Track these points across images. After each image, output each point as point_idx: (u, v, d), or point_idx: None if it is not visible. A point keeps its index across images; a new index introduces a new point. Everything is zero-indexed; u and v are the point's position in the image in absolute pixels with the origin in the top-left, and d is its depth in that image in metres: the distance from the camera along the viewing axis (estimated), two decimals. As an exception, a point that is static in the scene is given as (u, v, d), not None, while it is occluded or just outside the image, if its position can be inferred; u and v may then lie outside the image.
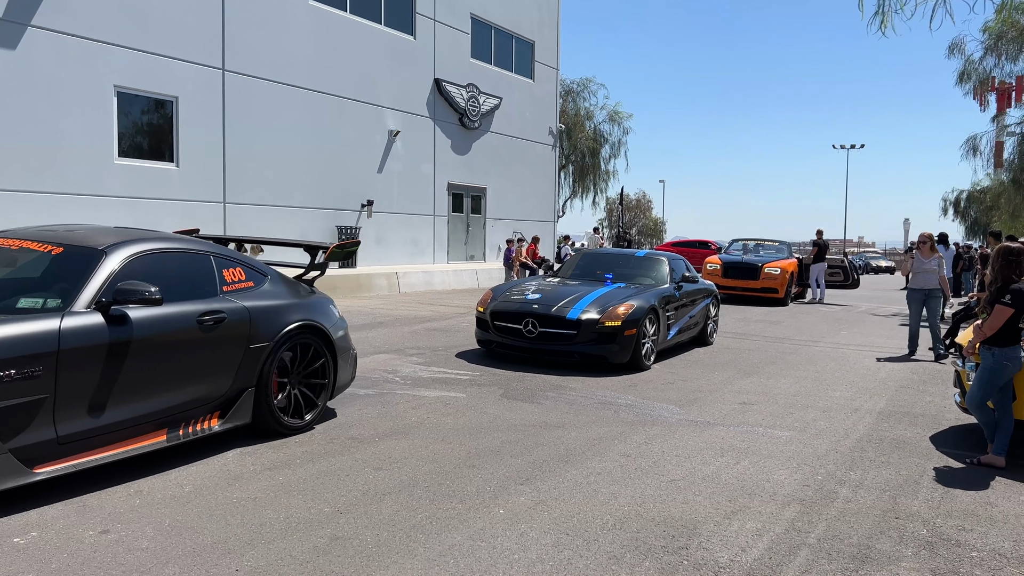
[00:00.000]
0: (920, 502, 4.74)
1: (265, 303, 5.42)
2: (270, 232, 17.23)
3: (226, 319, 5.04)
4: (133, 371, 4.46)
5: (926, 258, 10.45)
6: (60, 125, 13.75)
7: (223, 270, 5.31)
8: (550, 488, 4.71)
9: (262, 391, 5.30)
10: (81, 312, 4.28)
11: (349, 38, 19.56)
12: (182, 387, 4.79)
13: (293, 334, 5.51)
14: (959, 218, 56.47)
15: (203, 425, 4.99)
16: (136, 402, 4.51)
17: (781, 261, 19.11)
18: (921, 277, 10.48)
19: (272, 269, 5.89)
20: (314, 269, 6.41)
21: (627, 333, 8.54)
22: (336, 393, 6.06)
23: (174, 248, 5.07)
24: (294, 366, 5.62)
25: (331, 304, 6.22)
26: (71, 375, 4.13)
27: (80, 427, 4.21)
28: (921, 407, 7.51)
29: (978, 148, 35.59)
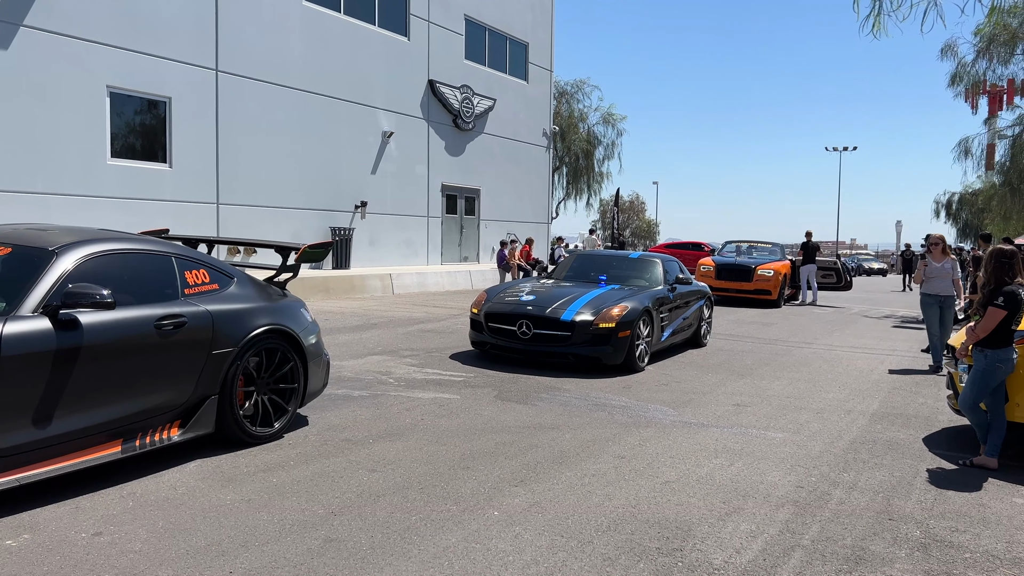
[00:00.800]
0: (913, 503, 4.75)
1: (230, 306, 5.21)
2: (264, 234, 17.19)
3: (187, 323, 4.83)
4: (84, 379, 4.23)
5: (938, 261, 9.88)
6: (52, 126, 13.71)
7: (185, 272, 5.09)
8: (544, 490, 4.71)
9: (226, 399, 5.09)
10: (26, 317, 4.05)
11: (343, 39, 19.55)
12: (138, 395, 4.56)
13: (260, 339, 5.30)
14: (951, 220, 56.81)
15: (162, 435, 4.76)
16: (87, 411, 4.27)
17: (774, 263, 19.16)
18: (935, 282, 9.85)
19: (239, 271, 5.67)
20: (286, 271, 6.19)
21: (621, 335, 8.55)
22: (307, 400, 5.86)
23: (132, 249, 4.84)
24: (261, 372, 5.40)
25: (302, 307, 6.00)
26: (13, 384, 3.90)
27: (23, 439, 3.98)
28: (914, 409, 7.54)
29: (970, 151, 35.80)
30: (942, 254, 9.88)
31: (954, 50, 30.94)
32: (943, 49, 31.38)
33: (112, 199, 14.59)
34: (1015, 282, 5.65)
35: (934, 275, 9.84)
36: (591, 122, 44.29)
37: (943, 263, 9.81)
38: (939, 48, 33.58)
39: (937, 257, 9.90)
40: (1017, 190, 33.49)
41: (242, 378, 5.25)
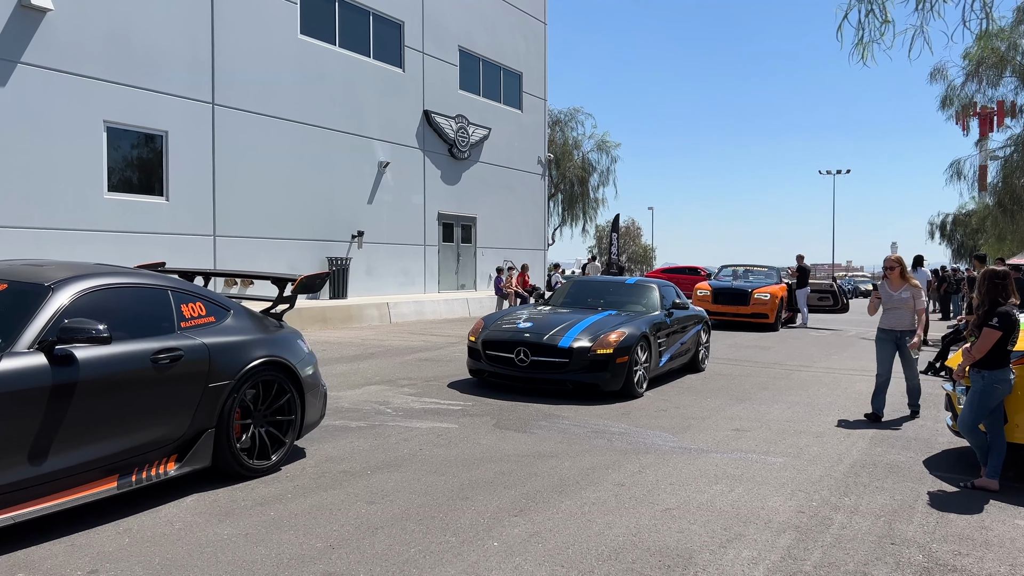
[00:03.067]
0: (915, 527, 4.73)
1: (226, 339, 5.19)
2: (260, 265, 17.22)
3: (183, 357, 4.81)
4: (79, 414, 4.20)
5: (895, 289, 8.08)
6: (50, 161, 13.77)
7: (181, 305, 5.09)
8: (544, 519, 4.68)
9: (223, 432, 5.04)
10: (22, 353, 4.04)
11: (338, 71, 19.73)
12: (134, 430, 4.52)
13: (256, 371, 5.27)
14: (946, 241, 57.02)
15: (159, 470, 4.72)
16: (83, 447, 4.23)
17: (771, 287, 19.19)
18: (892, 315, 8.10)
19: (236, 303, 5.66)
20: (282, 302, 6.17)
21: (619, 361, 8.54)
22: (305, 432, 5.82)
23: (129, 283, 4.84)
24: (258, 405, 5.37)
25: (299, 339, 5.98)
26: (8, 420, 3.87)
27: (19, 476, 3.94)
28: (914, 431, 7.52)
29: (962, 172, 36.06)
30: (900, 280, 8.11)
31: (944, 73, 31.32)
32: (932, 72, 31.78)
33: (109, 233, 14.62)
34: (1008, 302, 5.67)
35: (891, 305, 8.11)
36: (585, 149, 44.64)
37: (900, 291, 8.06)
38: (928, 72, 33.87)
39: (895, 283, 8.14)
40: (1010, 211, 33.67)
41: (239, 411, 5.22)
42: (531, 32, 27.65)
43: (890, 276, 8.15)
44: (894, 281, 8.13)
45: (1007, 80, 28.86)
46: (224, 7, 16.70)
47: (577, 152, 44.10)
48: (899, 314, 8.05)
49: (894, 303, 8.07)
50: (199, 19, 16.22)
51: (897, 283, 8.11)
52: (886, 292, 8.15)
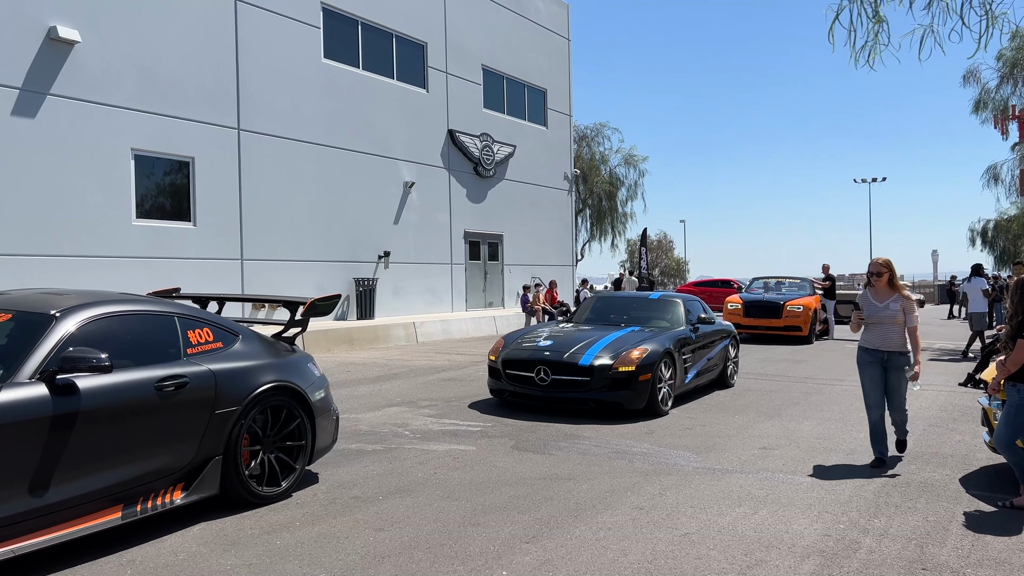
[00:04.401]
0: (949, 551, 4.49)
1: (233, 364, 5.15)
2: (288, 287, 17.30)
3: (188, 383, 4.77)
4: (82, 444, 4.16)
5: (881, 299, 6.51)
6: (79, 189, 13.99)
7: (188, 331, 5.06)
8: (557, 546, 4.52)
9: (230, 459, 4.98)
10: (23, 383, 4.01)
11: (362, 93, 19.85)
12: (139, 458, 4.47)
13: (265, 396, 5.22)
14: (987, 247, 55.54)
15: (164, 499, 4.65)
16: (85, 478, 4.19)
17: (804, 298, 18.81)
18: (876, 331, 6.50)
19: (245, 328, 5.64)
20: (294, 326, 6.13)
21: (642, 378, 8.35)
22: (316, 457, 5.74)
23: (135, 311, 4.83)
24: (267, 431, 5.31)
25: (310, 362, 5.93)
26: (8, 452, 3.83)
27: (20, 508, 3.89)
28: (950, 447, 7.22)
29: (999, 177, 35.23)
30: (888, 288, 6.53)
31: (977, 76, 30.66)
32: (965, 75, 31.12)
33: (138, 259, 14.79)
34: None
35: (875, 319, 6.50)
36: (612, 164, 44.42)
37: (888, 301, 6.47)
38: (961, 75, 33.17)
39: (880, 293, 6.55)
40: (1052, 215, 32.75)
41: (247, 437, 5.16)
42: (554, 49, 27.64)
43: (876, 284, 6.58)
44: (880, 290, 6.55)
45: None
46: (248, 33, 16.92)
47: (604, 167, 43.91)
48: (885, 330, 6.45)
49: (879, 317, 6.47)
50: (223, 45, 16.44)
51: (884, 292, 6.52)
52: (869, 303, 6.55)
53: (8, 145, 13.11)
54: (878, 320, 6.50)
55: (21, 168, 13.26)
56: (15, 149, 13.19)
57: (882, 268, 6.56)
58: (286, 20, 17.79)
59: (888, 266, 6.57)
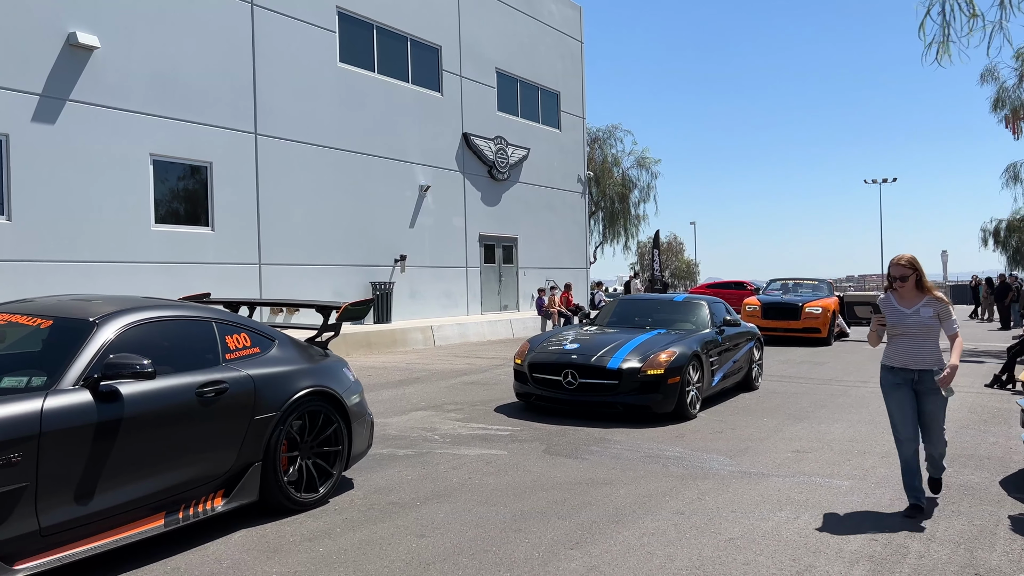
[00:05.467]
0: (999, 555, 4.42)
1: (271, 370, 5.13)
2: (306, 291, 17.32)
3: (228, 389, 4.74)
4: (125, 451, 4.14)
5: (908, 305, 5.30)
6: (98, 195, 14.03)
7: (226, 336, 5.03)
8: (601, 552, 4.48)
9: (269, 465, 4.96)
10: (67, 390, 3.98)
11: (377, 97, 19.87)
12: (180, 466, 4.45)
13: (302, 402, 5.20)
14: (1000, 248, 55.25)
15: (205, 506, 4.63)
16: (129, 485, 4.16)
17: (822, 300, 18.71)
18: (906, 346, 5.28)
19: (280, 333, 5.60)
20: (327, 330, 6.11)
21: (670, 381, 8.29)
22: (352, 462, 5.71)
23: (173, 316, 4.79)
24: (304, 436, 5.28)
25: (344, 367, 5.90)
26: (55, 460, 3.80)
27: (66, 516, 3.86)
28: (986, 449, 7.14)
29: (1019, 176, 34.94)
30: (916, 291, 5.31)
31: (995, 74, 30.42)
32: (983, 74, 30.88)
33: (157, 264, 14.83)
34: None
35: (903, 330, 5.28)
36: (625, 166, 44.41)
37: (918, 306, 5.27)
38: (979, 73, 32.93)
39: (908, 297, 5.33)
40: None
41: (285, 443, 5.14)
42: (567, 51, 27.62)
43: (900, 288, 5.31)
44: (906, 294, 5.32)
45: (1061, 80, 27.90)
46: (264, 38, 16.96)
47: (617, 169, 43.89)
48: (915, 343, 5.23)
49: (907, 327, 5.23)
50: (240, 50, 16.48)
51: (911, 296, 5.30)
52: (893, 309, 5.32)
53: (28, 151, 13.16)
54: (906, 330, 5.23)
55: (41, 174, 13.31)
56: (35, 155, 13.24)
57: (906, 270, 5.24)
58: (302, 24, 17.83)
59: (914, 265, 5.27)
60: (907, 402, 5.27)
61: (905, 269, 5.27)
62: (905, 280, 5.26)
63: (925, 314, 5.21)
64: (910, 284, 5.28)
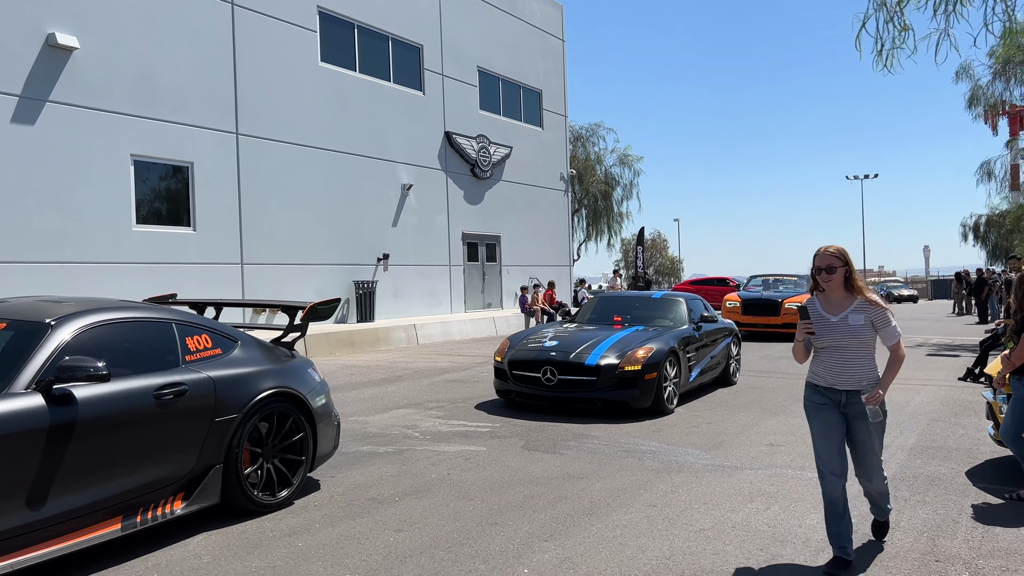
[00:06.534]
0: (960, 542, 4.57)
1: (233, 371, 5.08)
2: (289, 291, 17.34)
3: (188, 391, 4.68)
4: (80, 455, 4.07)
5: (836, 310, 4.29)
6: (78, 196, 14.01)
7: (186, 338, 4.97)
8: (575, 544, 4.59)
9: (231, 467, 4.90)
10: (18, 394, 3.92)
11: (359, 97, 19.91)
12: (138, 469, 4.38)
13: (265, 403, 5.15)
14: (979, 243, 55.89)
15: (164, 509, 4.57)
16: (84, 489, 4.09)
17: (802, 295, 18.90)
18: (833, 359, 4.29)
19: (244, 334, 5.53)
20: (294, 331, 6.05)
21: (648, 377, 8.42)
22: (318, 463, 5.68)
23: (132, 318, 4.73)
24: (268, 438, 5.24)
25: (310, 368, 5.86)
26: (5, 464, 3.74)
27: (18, 521, 3.79)
28: (955, 441, 7.31)
29: (992, 172, 35.49)
30: (844, 292, 4.30)
31: (969, 72, 30.88)
32: (958, 72, 31.36)
33: (139, 265, 14.82)
34: None
35: (830, 341, 4.27)
36: (608, 164, 44.60)
37: (846, 312, 4.26)
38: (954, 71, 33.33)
39: (834, 299, 4.32)
40: (1044, 210, 33.01)
41: (248, 444, 5.10)
42: (549, 50, 27.74)
43: (826, 285, 4.28)
44: (832, 294, 4.30)
45: (1035, 77, 28.35)
46: (245, 38, 16.96)
47: (600, 167, 44.07)
48: (845, 359, 4.23)
49: (834, 337, 4.23)
50: (221, 50, 16.47)
51: (839, 298, 4.29)
52: (818, 316, 4.30)
53: (8, 152, 13.12)
54: (832, 342, 4.24)
55: (21, 175, 13.27)
56: (15, 156, 13.20)
57: (834, 260, 4.25)
58: (283, 24, 17.84)
59: (843, 257, 4.27)
60: (833, 428, 4.28)
61: (833, 259, 4.26)
62: (832, 272, 4.23)
63: (855, 321, 4.21)
64: (837, 281, 4.25)
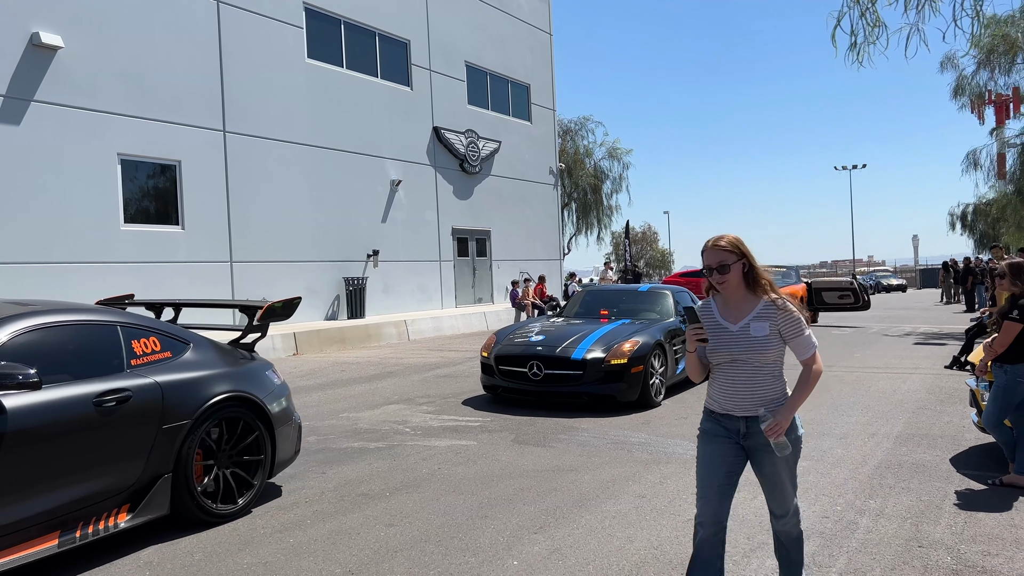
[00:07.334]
0: (943, 528, 4.64)
1: (183, 375, 4.85)
2: (279, 288, 17.31)
3: (132, 397, 4.45)
4: (11, 468, 3.84)
5: (735, 317, 3.28)
6: (66, 195, 13.95)
7: (132, 341, 4.73)
8: (564, 535, 4.64)
9: (181, 476, 4.67)
10: None
11: (347, 93, 19.88)
12: (77, 481, 4.14)
13: (218, 408, 4.94)
14: (967, 232, 56.23)
15: (107, 523, 4.33)
16: (15, 504, 3.85)
17: (790, 287, 19.03)
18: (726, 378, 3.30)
19: (197, 335, 5.30)
20: (252, 331, 5.80)
21: (634, 370, 8.48)
22: (278, 470, 5.47)
23: (72, 321, 4.48)
24: (222, 444, 5.01)
25: (268, 370, 5.64)
26: None
27: None
28: (940, 428, 7.40)
29: (978, 162, 35.64)
30: (744, 291, 3.30)
31: (954, 62, 30.99)
32: (943, 62, 31.47)
33: (127, 264, 14.78)
34: None
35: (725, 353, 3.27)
36: (597, 157, 44.63)
37: (747, 319, 3.26)
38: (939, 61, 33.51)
39: (734, 303, 3.32)
40: (1029, 198, 33.24)
41: (200, 452, 4.89)
42: (537, 44, 27.73)
43: (722, 286, 3.30)
44: (731, 296, 3.32)
45: (1019, 66, 28.52)
46: (231, 35, 16.90)
47: (589, 160, 44.11)
48: (744, 378, 3.27)
49: (733, 351, 3.26)
50: (207, 48, 16.41)
51: (739, 301, 3.31)
52: (714, 324, 3.31)
53: (-6, 153, 13.05)
54: (731, 356, 3.26)
55: (7, 176, 13.21)
56: (0, 157, 13.13)
57: (726, 255, 3.25)
58: (269, 21, 17.78)
59: (737, 249, 3.26)
60: (717, 463, 3.30)
61: (725, 253, 3.25)
62: (726, 271, 3.23)
63: (757, 331, 3.23)
64: (734, 281, 3.25)
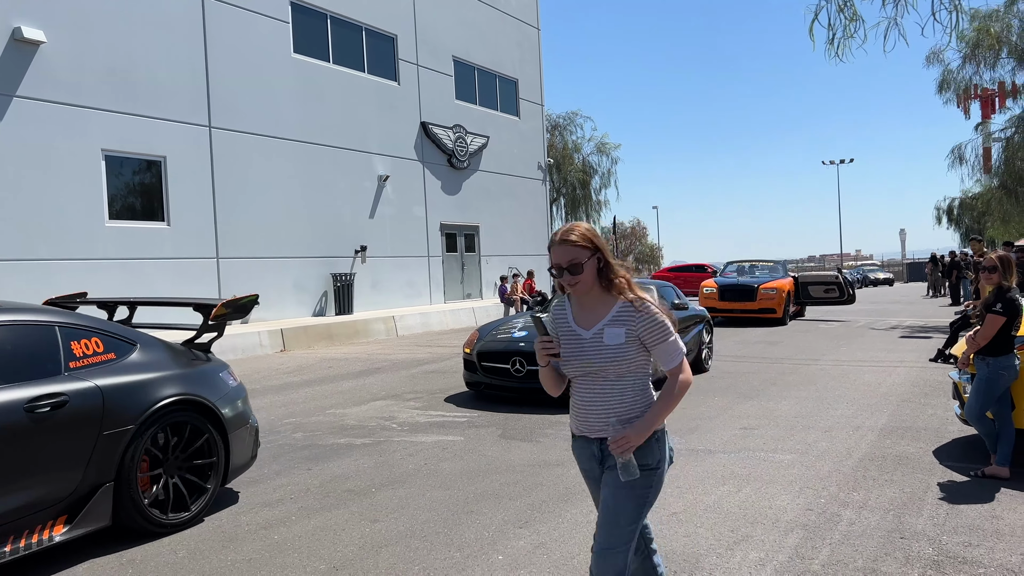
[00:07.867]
0: (925, 520, 4.67)
1: (126, 378, 4.58)
2: (267, 284, 17.24)
3: (68, 402, 4.18)
4: None
5: (588, 321, 2.79)
6: (50, 192, 13.84)
7: (72, 342, 4.45)
8: (549, 530, 4.64)
9: (124, 485, 4.41)
10: None
11: (334, 88, 19.79)
12: (6, 492, 3.88)
13: (165, 413, 4.68)
14: (953, 226, 56.56)
15: (41, 536, 4.08)
16: None
17: (777, 281, 19.10)
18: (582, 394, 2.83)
19: (146, 336, 5.05)
20: (208, 331, 5.52)
21: (623, 364, 8.45)
22: (233, 476, 5.24)
23: (3, 321, 4.20)
24: (169, 451, 4.76)
25: (223, 371, 5.39)
26: None
27: None
28: (923, 421, 7.45)
29: (964, 156, 35.83)
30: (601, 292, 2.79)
31: (940, 56, 31.15)
32: (928, 56, 31.62)
33: (112, 260, 14.68)
34: (1014, 288, 5.62)
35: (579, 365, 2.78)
36: (585, 152, 44.68)
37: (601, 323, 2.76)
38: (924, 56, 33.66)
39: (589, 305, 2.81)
40: (1014, 192, 33.45)
41: (146, 459, 4.64)
42: (524, 38, 27.69)
43: (575, 288, 2.79)
44: (588, 300, 2.84)
45: (1004, 61, 28.71)
46: (216, 29, 16.79)
47: (577, 155, 44.14)
48: (597, 392, 2.82)
49: (582, 360, 2.78)
50: (192, 43, 16.30)
51: (595, 302, 2.83)
52: (568, 330, 2.84)
53: (-24, 149, 12.93)
54: (585, 367, 2.80)
55: (-10, 172, 13.09)
56: (-17, 153, 13.02)
57: (578, 252, 2.75)
58: (254, 15, 17.68)
59: (592, 242, 2.78)
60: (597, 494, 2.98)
61: (577, 249, 2.75)
62: (578, 272, 2.75)
63: (612, 338, 2.75)
64: (588, 281, 2.77)
